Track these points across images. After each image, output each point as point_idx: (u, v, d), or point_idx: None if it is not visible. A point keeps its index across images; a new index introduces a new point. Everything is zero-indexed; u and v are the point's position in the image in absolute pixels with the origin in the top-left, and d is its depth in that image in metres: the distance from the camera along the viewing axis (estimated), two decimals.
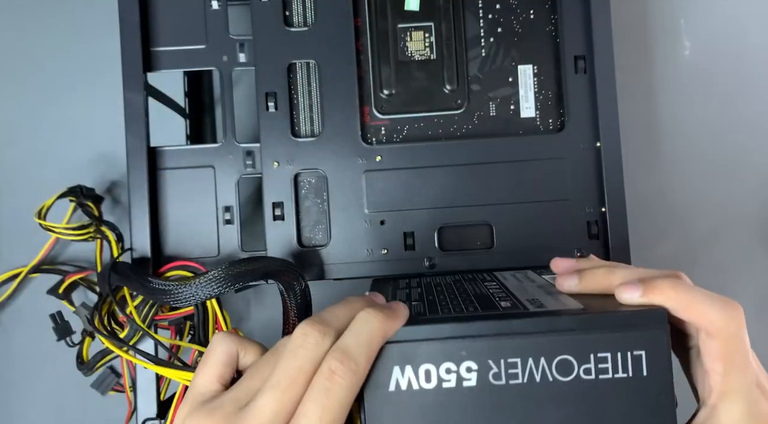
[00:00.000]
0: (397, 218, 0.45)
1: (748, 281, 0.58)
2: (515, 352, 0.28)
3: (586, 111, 0.44)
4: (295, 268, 0.40)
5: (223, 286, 0.37)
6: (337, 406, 0.27)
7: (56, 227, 0.50)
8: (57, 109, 0.59)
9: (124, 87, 0.44)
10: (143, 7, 0.45)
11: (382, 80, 0.45)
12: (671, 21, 0.60)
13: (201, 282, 0.38)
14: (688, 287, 0.30)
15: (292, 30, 0.45)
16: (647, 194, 0.58)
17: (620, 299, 0.30)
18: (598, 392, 0.28)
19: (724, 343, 0.29)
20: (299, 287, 0.39)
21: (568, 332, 0.28)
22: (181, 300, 0.38)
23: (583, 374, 0.28)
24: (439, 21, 0.45)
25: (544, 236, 0.44)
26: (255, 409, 0.27)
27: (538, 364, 0.28)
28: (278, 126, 0.45)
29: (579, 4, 0.45)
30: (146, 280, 0.40)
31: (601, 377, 0.28)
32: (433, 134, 0.45)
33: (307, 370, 0.27)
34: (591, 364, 0.28)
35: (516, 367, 0.28)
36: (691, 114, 0.59)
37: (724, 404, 0.29)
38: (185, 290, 0.38)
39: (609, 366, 0.28)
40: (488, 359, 0.28)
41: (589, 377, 0.28)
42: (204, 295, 0.38)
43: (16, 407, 0.57)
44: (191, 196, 0.45)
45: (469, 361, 0.28)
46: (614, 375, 0.28)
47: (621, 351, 0.28)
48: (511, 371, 0.28)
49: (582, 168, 0.44)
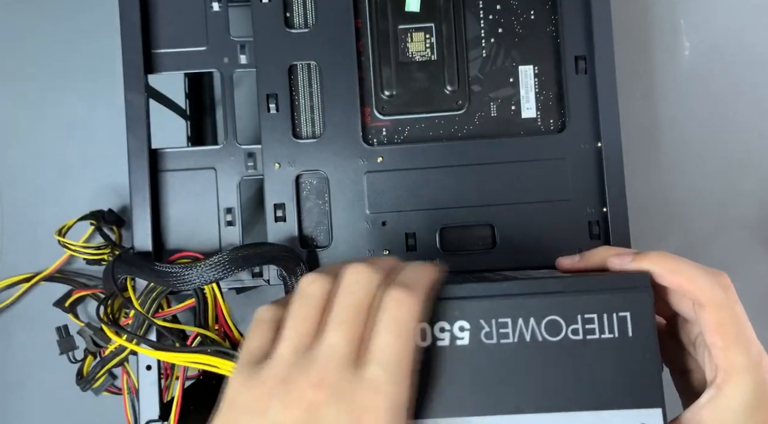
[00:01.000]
0: (398, 219, 0.45)
1: (748, 281, 0.58)
2: (506, 312, 0.29)
3: (586, 111, 0.44)
4: (296, 253, 0.41)
5: (227, 269, 0.39)
6: (409, 332, 0.27)
7: (72, 244, 0.51)
8: (57, 109, 0.59)
9: (125, 89, 0.44)
10: (144, 9, 0.45)
11: (382, 81, 0.45)
12: (671, 21, 0.60)
13: (206, 265, 0.39)
14: (676, 257, 0.31)
15: (293, 31, 0.45)
16: (647, 194, 0.58)
17: (611, 265, 0.32)
18: (586, 352, 0.29)
19: (716, 311, 0.29)
20: (301, 272, 0.41)
21: (557, 294, 0.29)
22: (187, 283, 0.39)
23: (571, 334, 0.29)
24: (440, 22, 0.45)
25: (546, 237, 0.44)
26: (327, 347, 0.26)
27: (527, 324, 0.29)
28: (279, 127, 0.45)
29: (579, 5, 0.45)
30: (153, 264, 0.41)
31: (589, 338, 0.29)
32: (434, 135, 0.46)
33: (367, 304, 0.28)
34: (579, 324, 0.29)
35: (507, 327, 0.29)
36: (691, 114, 0.59)
37: (729, 384, 0.29)
38: (191, 272, 0.39)
39: (596, 327, 0.29)
40: (480, 318, 0.29)
41: (577, 337, 0.29)
42: (209, 278, 0.39)
43: (14, 408, 0.57)
44: (193, 198, 0.45)
45: (461, 320, 0.29)
46: (601, 335, 0.29)
47: (607, 312, 0.29)
48: (502, 330, 0.29)
49: (583, 168, 0.44)
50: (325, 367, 0.26)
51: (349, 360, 0.26)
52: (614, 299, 0.29)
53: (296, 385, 0.26)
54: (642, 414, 0.29)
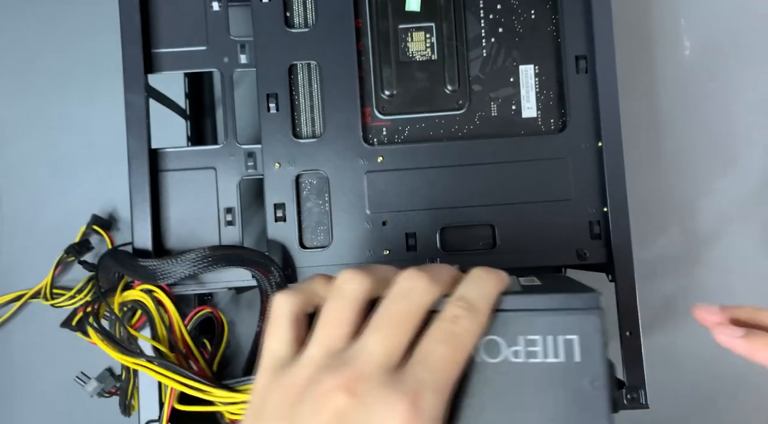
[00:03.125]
0: (398, 219, 0.44)
1: (748, 281, 0.58)
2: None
3: (587, 111, 0.44)
4: (271, 260, 0.42)
5: (203, 266, 0.41)
6: (463, 351, 0.25)
7: (65, 302, 0.52)
8: (57, 109, 0.59)
9: (125, 89, 0.44)
10: (144, 9, 0.45)
11: (383, 81, 0.45)
12: (671, 21, 0.60)
13: (183, 260, 0.41)
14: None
15: (293, 31, 0.45)
16: (647, 193, 0.58)
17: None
18: (528, 376, 0.26)
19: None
20: (275, 280, 0.42)
21: (497, 312, 0.27)
22: (166, 276, 0.42)
23: (512, 356, 0.26)
24: (440, 21, 0.45)
25: (546, 236, 0.44)
26: (364, 349, 0.24)
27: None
28: (279, 127, 0.45)
29: (580, 4, 0.45)
30: (135, 260, 0.42)
31: (531, 361, 0.26)
32: (435, 135, 0.45)
33: (418, 316, 0.25)
34: (520, 346, 0.26)
35: None
36: (690, 114, 0.59)
37: None
38: (170, 267, 0.42)
39: (539, 350, 0.26)
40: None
41: (518, 359, 0.26)
42: (183, 272, 0.41)
43: (16, 410, 0.57)
44: (193, 198, 0.45)
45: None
46: (545, 359, 0.26)
47: (552, 335, 0.26)
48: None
49: (584, 168, 0.44)
50: (359, 369, 0.24)
51: (388, 364, 0.24)
52: (560, 321, 0.26)
53: (326, 388, 0.24)
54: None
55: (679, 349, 0.57)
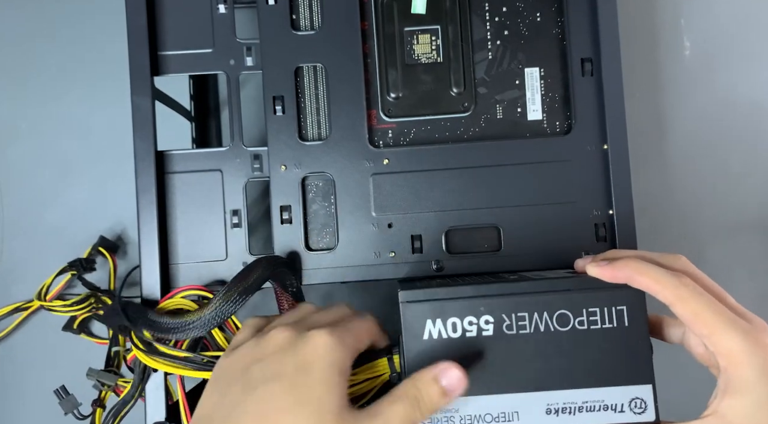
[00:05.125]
0: (404, 221, 0.45)
1: (748, 282, 0.58)
2: (524, 307, 0.35)
3: (593, 113, 0.44)
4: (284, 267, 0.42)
5: (229, 310, 0.39)
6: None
7: (59, 307, 0.51)
8: (57, 109, 0.59)
9: (132, 91, 0.44)
10: (150, 11, 0.45)
11: (389, 83, 0.45)
12: (671, 21, 0.60)
13: (205, 318, 0.39)
14: (641, 261, 0.34)
15: (299, 34, 0.45)
16: (650, 195, 0.59)
17: (589, 272, 0.36)
18: (590, 339, 0.35)
19: (685, 304, 0.33)
20: (291, 288, 0.42)
21: (566, 292, 0.35)
22: (191, 333, 0.40)
23: (578, 325, 0.35)
24: (446, 24, 0.45)
25: (552, 239, 0.44)
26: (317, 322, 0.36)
27: (542, 317, 0.35)
28: (285, 129, 0.45)
29: (585, 7, 0.45)
30: (153, 316, 0.41)
31: (592, 328, 0.35)
32: (440, 137, 0.46)
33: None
34: (584, 317, 0.35)
35: (524, 320, 0.35)
36: (690, 114, 0.60)
37: (732, 364, 0.32)
38: (192, 325, 0.40)
39: (598, 318, 0.35)
40: (502, 313, 0.35)
41: (583, 327, 0.35)
42: (213, 324, 0.39)
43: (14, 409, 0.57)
44: (199, 200, 0.45)
45: (486, 315, 0.35)
46: (602, 326, 0.35)
47: (607, 306, 0.35)
48: (521, 323, 0.35)
49: (589, 170, 0.44)
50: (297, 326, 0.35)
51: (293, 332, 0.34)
52: (613, 296, 0.35)
53: (271, 335, 0.34)
54: (636, 390, 0.35)
55: (681, 350, 0.57)
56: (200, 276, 0.45)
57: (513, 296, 0.35)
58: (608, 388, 0.35)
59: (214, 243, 0.45)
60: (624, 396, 0.35)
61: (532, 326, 0.35)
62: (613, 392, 0.35)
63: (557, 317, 0.35)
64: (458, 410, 0.35)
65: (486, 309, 0.35)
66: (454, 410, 0.35)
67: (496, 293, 0.35)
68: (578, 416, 0.35)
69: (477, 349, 0.35)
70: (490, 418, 0.35)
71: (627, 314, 0.35)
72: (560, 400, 0.35)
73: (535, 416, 0.35)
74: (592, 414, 0.35)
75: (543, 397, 0.35)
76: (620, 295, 0.35)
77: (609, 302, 0.35)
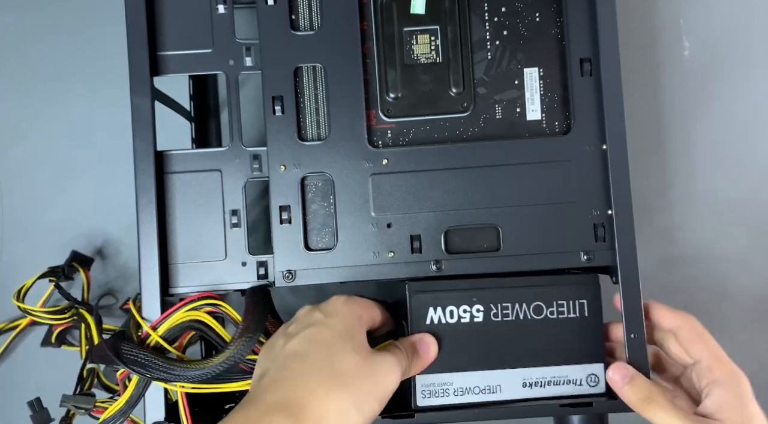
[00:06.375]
0: (403, 221, 0.45)
1: (748, 282, 0.58)
2: (508, 299, 0.43)
3: (592, 114, 0.45)
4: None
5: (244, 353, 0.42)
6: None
7: (34, 310, 0.52)
8: (57, 110, 0.59)
9: (132, 92, 0.44)
10: (150, 11, 0.45)
11: (388, 83, 0.45)
12: (671, 21, 0.60)
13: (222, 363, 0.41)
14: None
15: (299, 34, 0.45)
16: (648, 194, 0.59)
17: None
18: (558, 326, 0.43)
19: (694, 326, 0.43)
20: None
21: (540, 287, 0.43)
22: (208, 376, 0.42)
23: (549, 314, 0.43)
24: (445, 24, 0.46)
25: (551, 239, 0.44)
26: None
27: (521, 307, 0.43)
28: (285, 130, 0.45)
29: (585, 7, 0.45)
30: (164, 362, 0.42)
31: (560, 317, 0.43)
32: (440, 137, 0.46)
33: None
34: (554, 307, 0.43)
35: (508, 309, 0.43)
36: (690, 114, 0.60)
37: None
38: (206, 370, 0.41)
39: (565, 309, 0.43)
40: (491, 303, 0.43)
41: (553, 316, 0.43)
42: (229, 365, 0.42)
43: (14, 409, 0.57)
44: (198, 200, 0.45)
45: (478, 304, 0.43)
46: (568, 315, 0.43)
47: (572, 300, 0.43)
48: (505, 311, 0.43)
49: (588, 170, 0.44)
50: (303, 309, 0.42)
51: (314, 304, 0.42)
52: (576, 291, 0.43)
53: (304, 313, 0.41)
54: (591, 367, 0.43)
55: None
56: (200, 276, 0.45)
57: (499, 289, 0.43)
58: (571, 366, 0.43)
59: (214, 243, 0.45)
60: (583, 372, 0.43)
61: (513, 314, 0.43)
62: (575, 369, 0.43)
63: (533, 308, 0.43)
64: (452, 383, 0.42)
65: (477, 299, 0.43)
66: (449, 383, 0.42)
67: (486, 287, 0.43)
68: (547, 389, 0.43)
69: (470, 333, 0.43)
70: (478, 390, 0.43)
71: (587, 306, 0.43)
72: (534, 375, 0.43)
73: (514, 389, 0.43)
74: (558, 387, 0.43)
75: (520, 373, 0.43)
76: (582, 290, 0.43)
77: (573, 296, 0.43)
